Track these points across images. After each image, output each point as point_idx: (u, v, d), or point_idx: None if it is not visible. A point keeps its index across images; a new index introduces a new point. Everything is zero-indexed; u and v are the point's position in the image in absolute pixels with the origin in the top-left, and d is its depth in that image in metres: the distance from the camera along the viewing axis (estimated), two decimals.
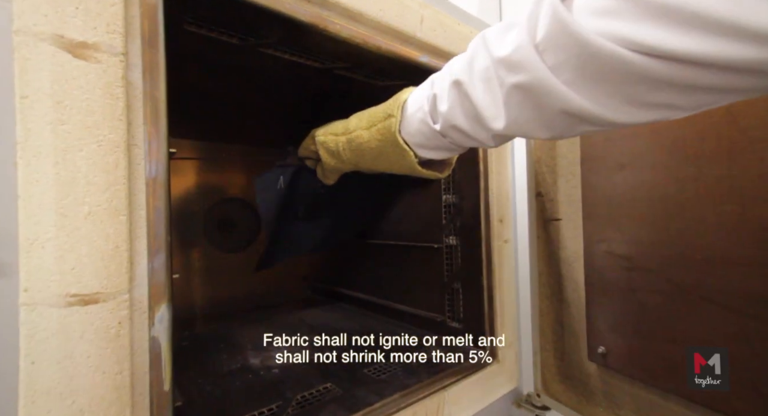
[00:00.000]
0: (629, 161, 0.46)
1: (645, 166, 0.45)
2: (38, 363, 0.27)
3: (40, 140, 0.27)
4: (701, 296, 0.40)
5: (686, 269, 0.41)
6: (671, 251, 0.42)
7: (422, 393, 0.54)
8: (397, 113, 0.40)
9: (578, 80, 0.24)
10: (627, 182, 0.47)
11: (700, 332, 0.40)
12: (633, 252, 0.46)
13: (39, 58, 0.27)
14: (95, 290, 0.29)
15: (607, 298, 0.50)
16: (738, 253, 0.36)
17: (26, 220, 0.26)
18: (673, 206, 0.42)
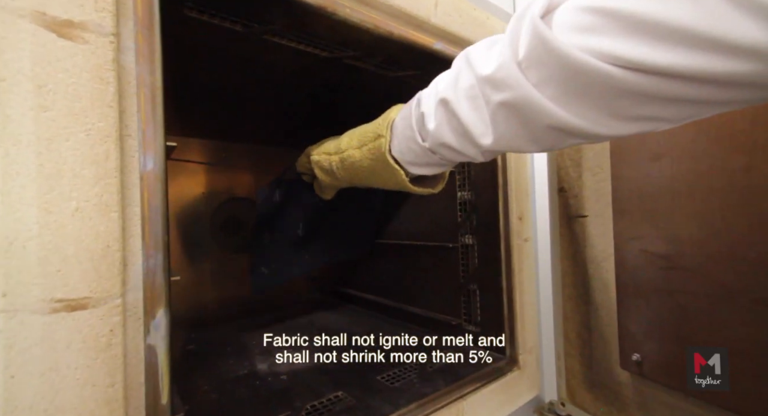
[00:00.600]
0: (667, 151, 0.42)
1: (686, 156, 0.40)
2: (18, 376, 0.24)
3: (21, 128, 0.24)
4: (753, 300, 0.35)
5: (735, 269, 0.37)
6: (717, 249, 0.38)
7: (440, 402, 0.51)
8: (386, 132, 0.39)
9: (562, 96, 0.24)
10: (664, 174, 0.42)
11: (752, 339, 0.36)
12: (671, 251, 0.42)
13: (18, 37, 0.24)
14: (84, 294, 0.26)
15: (641, 300, 0.46)
16: None
17: (5, 216, 0.24)
18: (720, 200, 0.38)
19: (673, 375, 0.43)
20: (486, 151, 0.32)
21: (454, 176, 0.74)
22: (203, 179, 1.01)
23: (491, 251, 0.65)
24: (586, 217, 0.55)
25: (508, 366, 0.62)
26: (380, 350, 0.66)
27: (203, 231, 1.00)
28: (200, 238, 0.99)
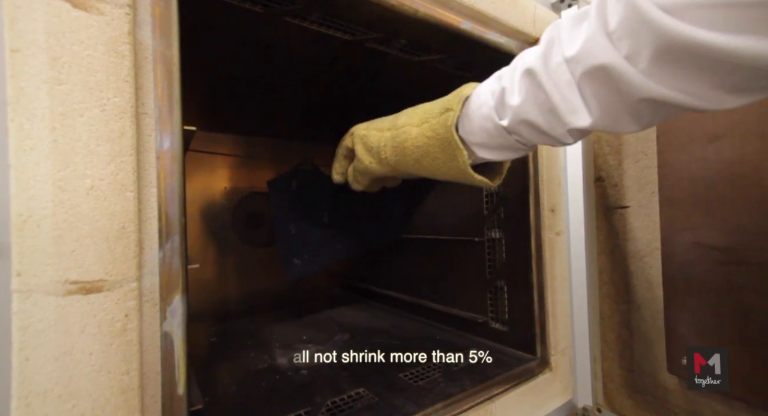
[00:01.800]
0: (726, 131, 0.38)
1: (750, 135, 0.36)
2: (33, 359, 0.23)
3: (35, 101, 0.23)
4: None
5: None
6: None
7: (467, 403, 0.48)
8: (456, 107, 0.36)
9: (656, 68, 0.23)
10: (723, 158, 0.38)
11: None
12: (732, 243, 0.38)
13: (32, 6, 0.23)
14: (98, 277, 0.25)
15: (694, 299, 0.41)
16: None
17: (19, 193, 0.23)
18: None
19: (734, 382, 0.38)
20: (574, 130, 0.30)
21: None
22: (225, 174, 1.02)
23: (520, 246, 0.62)
24: (627, 208, 0.51)
25: (539, 368, 0.58)
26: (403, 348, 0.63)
27: (225, 225, 1.01)
28: (223, 232, 1.00)
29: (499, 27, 0.55)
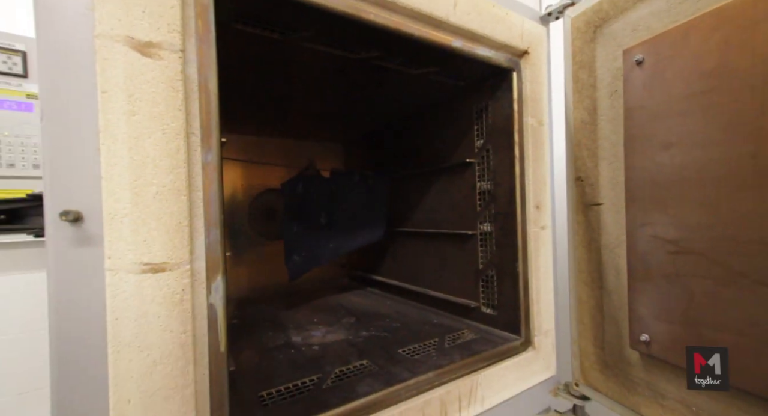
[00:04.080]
0: (677, 140, 0.44)
1: (695, 144, 0.42)
2: (120, 319, 0.31)
3: (117, 129, 0.31)
4: (756, 281, 0.37)
5: (740, 252, 0.38)
6: (723, 233, 0.40)
7: (455, 373, 0.55)
8: None
9: None
10: (674, 162, 0.44)
11: (754, 319, 0.37)
12: (680, 236, 0.44)
13: (115, 57, 0.31)
14: (163, 260, 0.33)
15: (651, 284, 0.48)
16: None
17: (108, 197, 0.31)
18: (726, 186, 0.39)
19: (679, 354, 0.45)
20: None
21: (474, 167, 0.77)
22: (241, 172, 1.11)
23: (508, 239, 0.69)
24: (601, 205, 0.57)
25: (523, 346, 0.65)
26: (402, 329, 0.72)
27: (242, 220, 1.10)
28: (240, 226, 1.09)
29: (488, 42, 0.61)
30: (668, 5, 0.46)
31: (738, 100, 0.38)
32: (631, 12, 0.51)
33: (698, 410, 0.45)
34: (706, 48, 0.40)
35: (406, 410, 0.49)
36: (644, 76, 0.47)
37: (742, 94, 0.37)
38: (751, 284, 0.38)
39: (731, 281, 0.39)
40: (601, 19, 0.56)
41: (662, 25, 0.47)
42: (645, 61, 0.47)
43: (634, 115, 0.49)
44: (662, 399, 0.49)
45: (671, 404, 0.48)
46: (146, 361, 0.32)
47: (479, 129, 0.76)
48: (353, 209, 0.96)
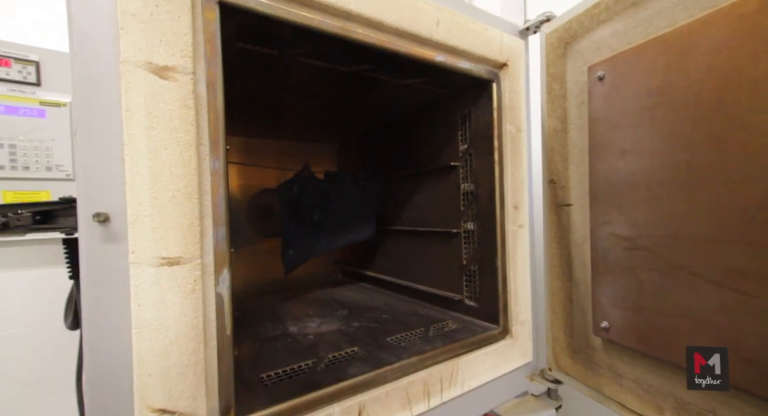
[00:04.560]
0: (630, 148, 0.50)
1: (644, 152, 0.48)
2: (142, 305, 0.36)
3: (139, 142, 0.36)
4: (690, 272, 0.43)
5: (678, 248, 0.44)
6: (666, 231, 0.45)
7: (437, 358, 0.61)
8: None
9: None
10: (628, 168, 0.50)
11: (688, 304, 0.43)
12: (632, 233, 0.50)
13: (136, 80, 0.36)
14: (178, 254, 0.38)
15: (610, 276, 0.54)
16: (723, 232, 0.39)
17: (132, 201, 0.36)
18: (667, 190, 0.45)
19: (632, 338, 0.51)
20: None
21: (458, 170, 0.83)
22: (240, 173, 1.15)
23: (489, 236, 0.74)
24: (571, 206, 0.63)
25: (501, 335, 0.71)
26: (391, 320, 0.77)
27: (240, 218, 1.15)
28: (238, 224, 1.14)
29: (468, 56, 0.66)
30: (625, 28, 0.52)
31: (676, 115, 0.44)
32: (595, 32, 0.56)
33: (649, 387, 0.51)
34: (652, 69, 0.46)
35: (392, 390, 0.55)
36: (605, 90, 0.53)
37: (679, 111, 0.43)
38: (686, 275, 0.44)
39: (671, 273, 0.45)
40: (571, 36, 0.61)
41: (620, 46, 0.52)
42: (605, 77, 0.53)
43: (596, 125, 0.55)
44: (620, 379, 0.55)
45: (627, 383, 0.54)
46: (164, 341, 0.37)
47: (463, 134, 0.82)
48: (345, 208, 1.02)
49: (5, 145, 0.67)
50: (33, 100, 0.69)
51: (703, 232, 0.41)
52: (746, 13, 0.36)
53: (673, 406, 0.47)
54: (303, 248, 0.97)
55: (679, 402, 0.46)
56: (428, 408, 0.58)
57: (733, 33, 0.37)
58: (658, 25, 0.46)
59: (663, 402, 0.48)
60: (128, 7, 0.36)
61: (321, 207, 0.99)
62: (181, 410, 0.38)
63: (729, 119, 0.39)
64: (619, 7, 0.52)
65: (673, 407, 0.47)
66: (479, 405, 0.68)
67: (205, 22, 0.41)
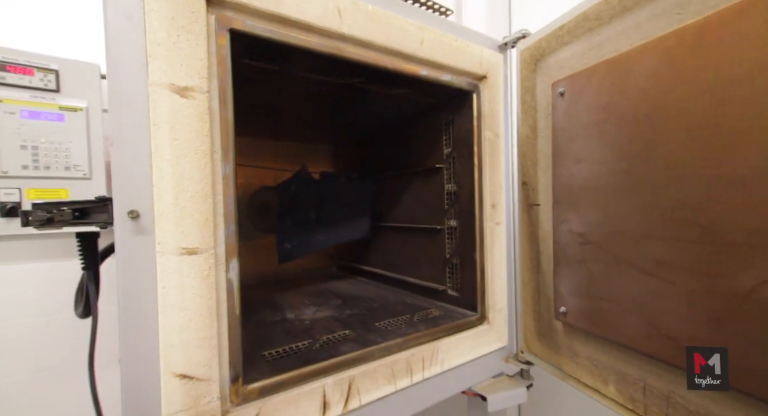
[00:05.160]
0: (584, 157, 0.57)
1: (594, 161, 0.55)
2: (167, 288, 0.44)
3: (164, 151, 0.43)
4: (628, 263, 0.51)
5: (619, 242, 0.52)
6: (610, 228, 0.53)
7: (419, 340, 0.69)
8: None
9: None
10: (582, 174, 0.58)
11: (626, 291, 0.51)
12: (585, 230, 0.58)
13: (162, 99, 0.43)
14: (195, 246, 0.45)
15: (567, 268, 0.62)
16: (650, 229, 0.47)
17: (157, 201, 0.43)
18: (611, 193, 0.53)
19: (584, 321, 0.59)
20: None
21: (443, 171, 0.90)
22: (240, 172, 1.22)
23: (469, 232, 0.82)
24: (539, 205, 0.71)
25: (479, 321, 0.79)
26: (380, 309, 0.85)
27: (240, 214, 1.22)
28: (239, 219, 1.20)
29: (451, 70, 0.73)
30: (583, 50, 0.59)
31: (618, 130, 0.52)
32: (559, 52, 0.64)
33: (598, 363, 0.59)
34: (601, 88, 0.54)
35: (379, 366, 0.63)
36: (565, 105, 0.60)
37: (620, 126, 0.51)
38: (624, 266, 0.52)
39: (613, 264, 0.53)
40: (540, 54, 0.69)
41: (579, 66, 0.60)
42: (566, 93, 0.61)
43: (558, 135, 0.62)
44: (576, 358, 0.63)
45: (582, 361, 0.62)
46: (184, 318, 0.45)
47: (447, 139, 0.89)
48: (339, 206, 1.09)
49: (29, 147, 0.73)
50: (53, 105, 0.75)
51: (636, 229, 0.49)
52: (668, 48, 0.44)
53: (615, 379, 0.55)
54: (299, 242, 1.04)
55: (620, 375, 0.54)
56: (411, 383, 0.66)
57: (659, 62, 0.45)
58: (607, 49, 0.54)
59: (608, 375, 0.56)
60: (155, 37, 0.43)
61: (317, 205, 1.06)
62: (198, 376, 0.46)
63: (655, 134, 0.46)
64: (579, 31, 0.59)
65: (615, 380, 0.55)
66: (458, 383, 0.76)
67: (217, 46, 0.48)
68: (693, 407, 0.44)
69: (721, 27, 0.39)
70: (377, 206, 1.16)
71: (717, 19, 0.40)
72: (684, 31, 0.42)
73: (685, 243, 0.42)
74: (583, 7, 0.56)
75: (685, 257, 0.43)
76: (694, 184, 0.41)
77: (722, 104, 0.39)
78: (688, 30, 0.42)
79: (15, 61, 0.72)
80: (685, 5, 0.43)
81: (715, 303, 0.40)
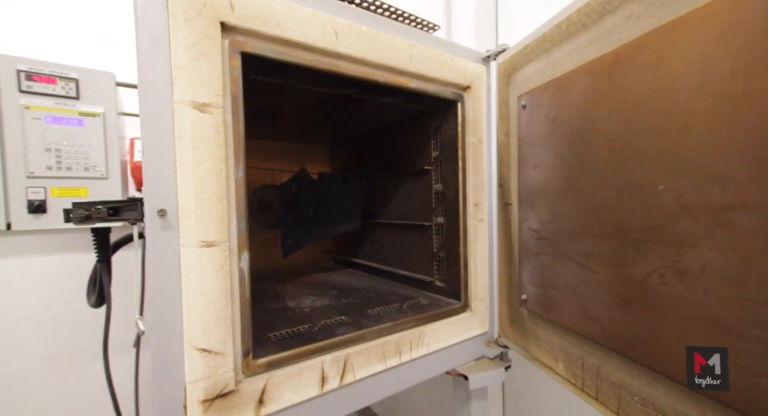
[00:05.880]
0: (538, 163, 0.66)
1: (545, 167, 0.64)
2: (189, 275, 0.51)
3: (186, 158, 0.51)
4: (567, 256, 0.59)
5: (561, 238, 0.60)
6: (555, 226, 0.62)
7: (407, 325, 0.77)
8: None
9: None
10: (537, 178, 0.66)
11: (566, 280, 0.60)
12: (539, 227, 0.66)
13: (184, 114, 0.51)
14: (213, 239, 0.53)
15: (527, 260, 0.70)
16: (581, 227, 0.55)
17: (181, 202, 0.51)
18: (557, 196, 0.61)
19: (539, 307, 0.68)
20: None
21: (431, 173, 0.98)
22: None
23: (455, 229, 0.90)
24: (511, 205, 0.79)
25: (462, 309, 0.88)
26: (374, 298, 0.93)
27: None
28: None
29: (437, 81, 0.81)
30: (541, 68, 0.67)
31: (561, 141, 0.60)
32: (525, 68, 0.72)
33: (552, 344, 0.68)
34: (551, 103, 0.62)
35: (371, 346, 0.71)
36: (526, 116, 0.68)
37: (563, 137, 0.59)
38: (564, 258, 0.60)
39: (557, 257, 0.62)
40: (512, 68, 0.77)
41: (538, 81, 0.68)
42: (527, 105, 0.69)
43: (521, 143, 0.70)
44: (537, 340, 0.72)
45: (541, 343, 0.71)
46: (204, 301, 0.52)
47: (435, 143, 0.97)
48: (335, 203, 1.18)
49: (53, 149, 0.80)
50: (73, 111, 0.82)
51: (572, 227, 0.58)
52: (593, 72, 0.52)
53: (563, 357, 0.63)
54: (299, 236, 1.13)
55: (567, 354, 0.63)
56: (400, 362, 0.75)
57: (588, 84, 0.53)
58: (558, 69, 0.62)
59: (558, 355, 0.65)
60: (179, 61, 0.50)
61: (315, 203, 1.15)
62: (216, 350, 0.53)
63: (585, 146, 0.55)
64: (539, 50, 0.67)
65: (563, 358, 0.63)
66: (443, 364, 0.84)
67: (230, 67, 0.55)
68: (614, 379, 0.52)
69: (627, 57, 0.47)
70: (372, 204, 1.24)
71: (626, 49, 0.48)
72: (605, 58, 0.51)
73: (604, 239, 0.51)
74: (542, 30, 0.64)
75: (604, 250, 0.51)
76: (610, 190, 0.50)
77: (629, 122, 0.47)
78: (607, 57, 0.50)
79: (40, 71, 0.79)
80: (610, 34, 0.51)
81: (623, 290, 0.48)
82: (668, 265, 0.42)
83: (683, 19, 0.40)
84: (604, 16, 0.50)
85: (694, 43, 0.39)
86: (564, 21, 0.57)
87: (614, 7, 0.48)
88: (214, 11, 0.52)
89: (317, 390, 0.63)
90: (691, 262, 0.39)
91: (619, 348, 0.50)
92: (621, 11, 0.47)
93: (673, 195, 0.41)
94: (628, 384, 0.50)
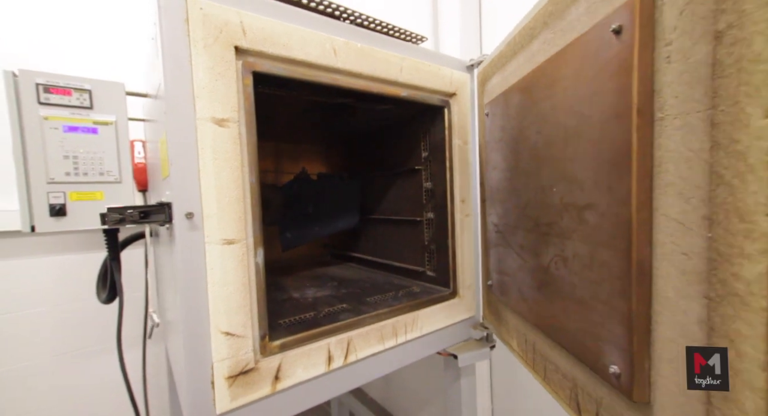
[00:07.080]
0: (495, 165, 0.75)
1: (499, 169, 0.73)
2: (213, 269, 0.59)
3: (208, 167, 0.58)
4: (510, 247, 0.69)
5: (509, 231, 0.70)
6: (506, 221, 0.71)
7: (402, 311, 0.86)
8: None
9: None
10: (496, 178, 0.75)
11: (510, 267, 0.69)
12: (497, 221, 0.76)
13: (206, 129, 0.58)
14: (233, 237, 0.61)
15: (492, 250, 0.80)
16: (519, 222, 0.65)
17: (205, 205, 0.58)
18: (506, 194, 0.70)
19: (499, 292, 0.77)
20: None
21: (421, 172, 1.06)
22: None
23: (443, 223, 0.99)
24: (485, 201, 0.88)
25: (451, 296, 0.97)
26: (371, 288, 1.02)
27: None
28: None
29: (426, 90, 0.89)
30: (500, 80, 0.75)
31: (507, 147, 0.69)
32: (491, 79, 0.80)
33: (511, 326, 0.77)
34: (501, 113, 0.71)
35: (370, 330, 0.80)
36: (489, 123, 0.77)
37: (509, 143, 0.68)
38: (510, 249, 0.70)
39: (507, 247, 0.71)
40: (485, 78, 0.85)
41: (498, 92, 0.76)
42: (489, 113, 0.77)
43: (486, 146, 0.79)
44: (506, 324, 0.82)
45: (506, 325, 0.81)
46: (227, 291, 0.60)
47: (425, 144, 1.05)
48: (333, 202, 1.26)
49: (70, 157, 0.87)
50: (88, 120, 0.88)
51: (514, 221, 0.67)
52: (521, 87, 0.61)
53: (516, 336, 0.73)
54: (299, 233, 1.21)
55: (519, 333, 0.73)
56: (396, 343, 0.84)
57: (520, 98, 0.62)
58: (509, 81, 0.70)
59: (514, 335, 0.75)
60: (200, 82, 0.57)
61: (314, 201, 1.23)
62: (238, 334, 0.62)
63: (518, 152, 0.64)
64: (499, 64, 0.76)
65: (516, 337, 0.73)
66: (434, 345, 0.94)
67: (243, 86, 0.62)
68: (543, 352, 0.62)
69: (537, 77, 0.57)
70: (367, 202, 1.32)
71: (539, 71, 0.57)
72: (528, 76, 0.60)
73: (529, 232, 0.61)
74: (501, 46, 0.73)
75: (529, 242, 0.61)
76: (531, 190, 0.59)
77: (539, 133, 0.57)
78: (529, 76, 0.59)
79: (57, 84, 0.84)
80: (534, 56, 0.59)
81: (539, 275, 0.58)
82: (558, 253, 0.52)
83: (564, 50, 0.49)
84: (532, 40, 0.59)
85: (569, 69, 0.48)
86: (513, 39, 0.66)
87: (537, 32, 0.57)
88: (228, 37, 0.59)
89: (324, 368, 0.72)
90: (568, 251, 0.49)
91: (541, 325, 0.60)
92: (540, 36, 0.56)
93: (560, 196, 0.51)
94: (549, 356, 0.60)
